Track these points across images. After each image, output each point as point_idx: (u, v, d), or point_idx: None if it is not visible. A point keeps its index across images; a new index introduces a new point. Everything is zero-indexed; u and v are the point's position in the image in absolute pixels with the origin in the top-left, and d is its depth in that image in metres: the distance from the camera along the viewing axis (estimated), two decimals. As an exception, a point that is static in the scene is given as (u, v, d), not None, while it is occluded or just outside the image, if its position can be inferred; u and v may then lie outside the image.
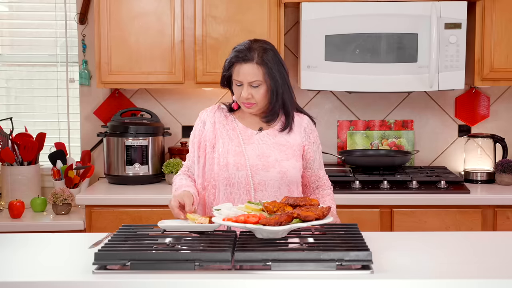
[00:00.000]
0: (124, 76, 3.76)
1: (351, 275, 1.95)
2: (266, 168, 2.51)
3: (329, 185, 2.70)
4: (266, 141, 2.56)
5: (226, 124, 2.59)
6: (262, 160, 2.52)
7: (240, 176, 2.50)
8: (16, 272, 2.06)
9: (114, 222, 3.51)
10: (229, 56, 2.55)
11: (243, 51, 2.50)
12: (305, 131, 2.61)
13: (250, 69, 2.47)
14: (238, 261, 1.99)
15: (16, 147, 3.84)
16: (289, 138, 2.58)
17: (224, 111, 2.64)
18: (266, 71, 2.47)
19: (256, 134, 2.57)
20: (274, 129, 2.59)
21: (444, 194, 3.52)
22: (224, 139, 2.56)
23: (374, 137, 4.09)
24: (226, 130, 2.58)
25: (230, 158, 2.51)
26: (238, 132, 2.57)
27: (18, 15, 4.22)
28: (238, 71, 2.49)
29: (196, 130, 2.63)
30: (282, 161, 2.53)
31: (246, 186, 2.50)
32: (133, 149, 3.80)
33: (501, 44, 3.67)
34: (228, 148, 2.53)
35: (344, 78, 3.61)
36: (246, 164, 2.51)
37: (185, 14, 3.72)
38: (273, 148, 2.54)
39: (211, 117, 2.61)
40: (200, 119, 2.64)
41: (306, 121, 2.63)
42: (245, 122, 2.60)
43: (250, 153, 2.53)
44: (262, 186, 2.51)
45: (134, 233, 2.28)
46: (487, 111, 4.07)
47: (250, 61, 2.47)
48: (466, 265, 2.09)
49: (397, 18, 3.58)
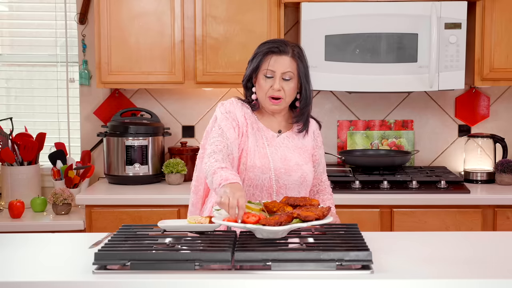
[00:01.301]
0: (124, 76, 3.76)
1: (351, 275, 1.95)
2: (288, 172, 2.49)
3: (330, 191, 2.69)
4: (286, 144, 2.53)
5: (251, 123, 2.52)
6: (284, 164, 2.49)
7: (264, 179, 2.47)
8: (16, 272, 2.06)
9: (114, 222, 3.51)
10: (256, 49, 2.49)
11: (277, 43, 2.47)
12: (314, 135, 2.61)
13: (285, 60, 2.45)
14: (238, 261, 1.99)
15: (16, 147, 3.84)
16: (304, 142, 2.57)
17: (245, 108, 2.53)
18: (299, 67, 2.46)
19: (277, 137, 2.53)
20: (292, 132, 2.55)
21: (444, 194, 3.52)
22: (252, 139, 2.49)
23: (374, 137, 4.09)
24: (253, 130, 2.51)
25: (257, 161, 2.46)
26: (262, 133, 2.52)
27: (18, 15, 4.22)
28: (273, 61, 2.44)
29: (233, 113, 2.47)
30: (302, 165, 2.51)
31: (269, 189, 2.48)
32: (133, 149, 3.80)
33: (501, 44, 3.67)
34: (255, 149, 2.48)
35: (344, 78, 3.61)
36: (270, 167, 2.47)
37: (185, 14, 3.72)
38: (293, 152, 2.52)
39: (240, 110, 2.50)
40: (225, 109, 2.49)
41: (314, 125, 2.62)
42: (265, 123, 2.55)
43: (274, 156, 2.49)
44: (283, 189, 2.49)
45: (134, 233, 2.28)
46: (487, 111, 4.06)
47: (285, 54, 2.46)
48: (466, 265, 2.09)
49: (397, 18, 3.58)
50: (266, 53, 2.46)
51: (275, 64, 2.44)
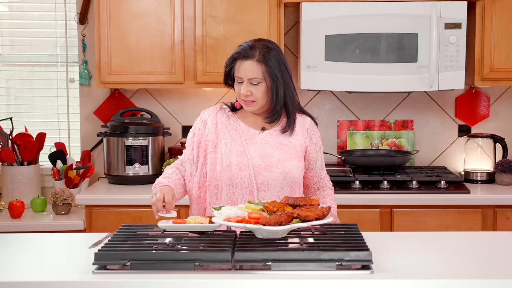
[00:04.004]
0: (124, 76, 3.76)
1: (351, 275, 1.95)
2: (268, 168, 2.50)
3: (330, 186, 2.70)
4: (268, 141, 2.55)
5: (228, 124, 2.58)
6: (264, 160, 2.51)
7: (242, 176, 2.49)
8: (16, 272, 2.06)
9: (114, 222, 3.51)
10: (229, 58, 2.56)
11: (245, 48, 2.50)
12: (308, 132, 2.61)
13: (250, 66, 2.47)
14: (238, 261, 1.99)
15: (16, 147, 3.85)
16: (292, 139, 2.57)
17: (226, 111, 2.62)
18: (266, 70, 2.47)
19: (258, 134, 2.57)
20: (277, 130, 2.58)
21: (444, 194, 3.52)
22: (227, 139, 2.55)
23: (374, 137, 4.09)
24: (228, 130, 2.57)
25: (233, 158, 2.50)
26: (241, 132, 2.56)
27: (18, 15, 4.22)
28: (239, 67, 2.50)
29: (196, 129, 2.62)
30: (284, 161, 2.52)
31: (249, 186, 2.50)
32: (133, 149, 3.80)
33: (501, 44, 3.67)
34: (230, 148, 2.52)
35: (344, 78, 3.61)
36: (249, 164, 2.50)
37: (185, 14, 3.73)
38: (275, 148, 2.54)
39: (213, 117, 2.60)
40: (201, 119, 2.63)
41: (308, 122, 2.63)
42: (247, 122, 2.59)
43: (253, 153, 2.52)
44: (265, 186, 2.50)
45: (134, 233, 2.28)
46: (487, 111, 4.07)
47: (250, 58, 2.48)
48: (466, 265, 2.09)
49: (397, 18, 3.58)
50: (233, 59, 2.52)
51: (241, 70, 2.49)
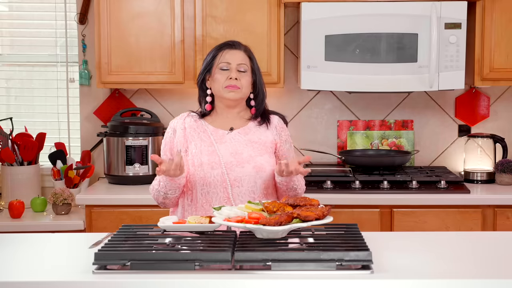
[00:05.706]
0: (124, 76, 3.76)
1: (351, 275, 1.95)
2: (240, 164, 2.55)
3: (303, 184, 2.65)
4: (238, 139, 2.61)
5: (196, 128, 2.64)
6: (236, 157, 2.56)
7: (215, 175, 2.54)
8: (16, 272, 2.06)
9: (114, 222, 3.51)
10: (211, 50, 2.66)
11: (230, 41, 2.66)
12: (276, 129, 2.67)
13: (238, 54, 2.62)
14: (238, 261, 1.99)
15: (16, 147, 3.84)
16: (261, 136, 2.63)
17: (194, 117, 2.69)
18: (251, 65, 2.63)
19: (227, 134, 2.62)
20: (245, 128, 2.63)
21: (444, 194, 3.52)
22: (196, 141, 2.61)
23: (374, 137, 4.09)
24: (197, 133, 2.63)
25: (204, 158, 2.56)
26: (209, 133, 2.62)
27: (18, 15, 4.22)
28: (225, 55, 2.60)
29: (167, 138, 2.68)
30: (255, 156, 2.57)
31: (223, 184, 2.53)
32: (133, 149, 3.81)
33: (501, 44, 3.67)
34: (201, 149, 2.58)
35: (344, 78, 3.61)
36: (220, 162, 2.55)
37: (185, 14, 3.73)
38: (245, 146, 2.59)
39: (181, 123, 2.67)
40: (171, 127, 2.70)
41: (276, 120, 2.70)
42: (215, 124, 2.65)
43: (223, 151, 2.57)
44: (238, 182, 2.54)
45: (134, 233, 2.28)
46: (487, 111, 4.06)
47: (238, 48, 2.63)
48: (466, 265, 2.09)
49: (397, 18, 3.58)
50: (219, 48, 2.63)
51: (229, 56, 2.61)
